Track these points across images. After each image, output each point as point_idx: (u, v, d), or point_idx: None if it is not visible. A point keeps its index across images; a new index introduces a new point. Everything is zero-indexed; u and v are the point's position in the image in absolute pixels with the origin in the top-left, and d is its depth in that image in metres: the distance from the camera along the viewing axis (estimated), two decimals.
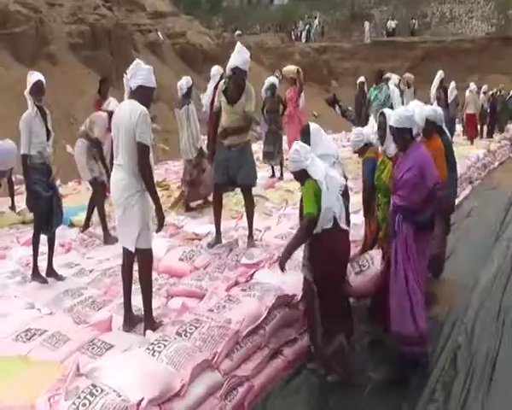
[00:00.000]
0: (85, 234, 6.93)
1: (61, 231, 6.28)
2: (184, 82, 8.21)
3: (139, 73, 4.20)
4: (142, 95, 4.19)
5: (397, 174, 4.29)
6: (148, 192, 4.18)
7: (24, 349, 4.04)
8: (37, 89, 5.34)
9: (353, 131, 5.47)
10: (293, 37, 36.19)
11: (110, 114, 8.08)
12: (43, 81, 5.41)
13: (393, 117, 4.34)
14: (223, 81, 5.97)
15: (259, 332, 4.15)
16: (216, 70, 9.51)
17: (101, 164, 6.87)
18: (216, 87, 10.23)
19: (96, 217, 7.27)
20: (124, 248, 4.33)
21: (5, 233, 7.72)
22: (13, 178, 9.05)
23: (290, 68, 11.75)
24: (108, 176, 5.64)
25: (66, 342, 4.05)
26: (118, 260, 5.92)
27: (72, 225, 7.50)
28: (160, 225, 4.25)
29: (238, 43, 5.90)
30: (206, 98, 9.03)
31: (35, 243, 5.55)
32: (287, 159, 6.80)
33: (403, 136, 4.28)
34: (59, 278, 5.51)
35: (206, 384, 3.55)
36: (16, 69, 14.50)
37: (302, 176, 4.08)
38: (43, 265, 5.71)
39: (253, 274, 4.93)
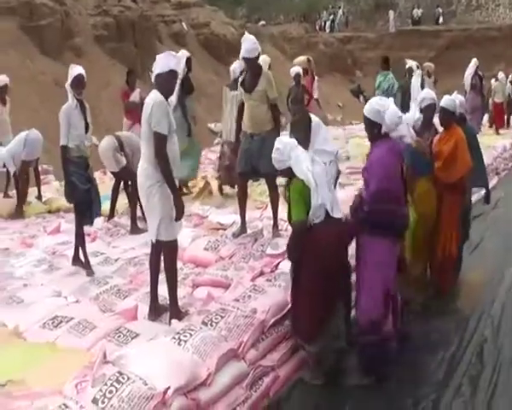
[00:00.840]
0: (110, 223, 6.99)
1: None
2: (237, 66, 8.20)
3: (155, 63, 4.21)
4: (160, 82, 4.18)
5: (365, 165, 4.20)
6: None
7: (51, 336, 4.10)
8: (78, 82, 5.38)
9: None
10: (318, 27, 35.93)
11: (136, 105, 8.18)
12: (84, 75, 5.44)
13: (366, 106, 4.15)
14: (241, 76, 5.95)
15: (285, 322, 4.13)
16: (269, 59, 9.73)
17: None
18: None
19: (118, 207, 7.34)
20: None
21: (32, 222, 7.85)
22: (39, 168, 9.21)
23: (301, 59, 11.54)
24: None
25: (92, 330, 4.09)
26: (143, 249, 5.98)
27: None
28: (179, 213, 4.18)
29: (245, 34, 5.84)
30: None
31: (79, 235, 5.57)
32: None
33: (370, 128, 4.11)
34: (85, 266, 5.56)
35: (232, 374, 3.56)
36: (41, 61, 14.68)
37: (289, 173, 3.98)
38: (68, 254, 5.79)
39: (278, 264, 4.90)
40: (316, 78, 11.99)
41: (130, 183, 6.91)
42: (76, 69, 5.44)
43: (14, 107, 9.79)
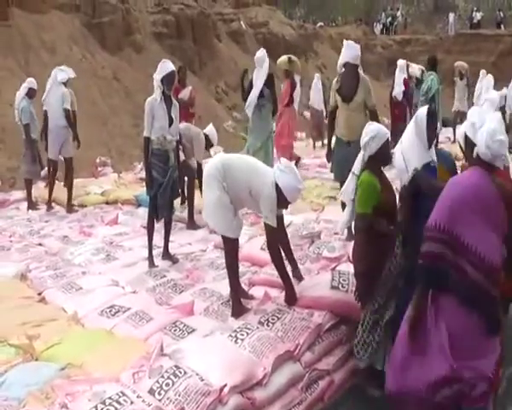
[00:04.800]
0: None
1: (144, 213, 6.42)
2: (417, 70, 9.60)
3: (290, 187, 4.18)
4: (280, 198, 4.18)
5: None
6: None
7: (108, 324, 4.17)
8: (171, 79, 5.42)
9: None
10: (378, 30, 35.20)
11: (184, 103, 8.19)
12: (175, 72, 5.49)
13: None
14: (335, 80, 5.81)
15: (341, 327, 4.07)
16: (404, 63, 9.79)
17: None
18: (404, 79, 10.61)
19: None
20: None
21: (90, 212, 8.02)
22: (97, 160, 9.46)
23: (282, 59, 10.63)
24: None
25: (149, 322, 4.14)
26: (199, 244, 6.01)
27: None
28: (291, 301, 4.15)
29: (348, 41, 5.74)
30: (397, 89, 10.09)
31: (149, 229, 5.60)
32: None
33: None
34: (174, 260, 5.60)
35: (288, 375, 3.52)
36: (101, 56, 15.04)
37: None
38: (125, 245, 5.85)
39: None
40: (298, 82, 10.69)
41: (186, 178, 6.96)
42: (169, 65, 5.40)
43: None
